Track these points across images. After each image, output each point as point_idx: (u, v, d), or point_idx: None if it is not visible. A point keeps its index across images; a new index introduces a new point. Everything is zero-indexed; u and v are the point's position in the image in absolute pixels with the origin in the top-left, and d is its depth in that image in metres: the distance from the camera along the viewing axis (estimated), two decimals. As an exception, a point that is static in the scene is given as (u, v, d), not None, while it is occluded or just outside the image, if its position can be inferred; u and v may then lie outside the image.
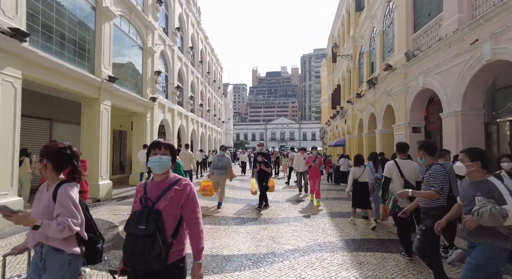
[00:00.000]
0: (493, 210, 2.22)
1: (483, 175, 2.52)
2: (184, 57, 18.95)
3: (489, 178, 2.46)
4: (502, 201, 2.30)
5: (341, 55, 18.92)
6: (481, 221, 2.29)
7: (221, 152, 8.28)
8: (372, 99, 13.16)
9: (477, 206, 2.35)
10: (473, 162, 2.53)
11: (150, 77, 13.55)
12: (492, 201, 2.32)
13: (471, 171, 2.56)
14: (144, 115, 13.11)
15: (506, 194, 2.32)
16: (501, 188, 2.35)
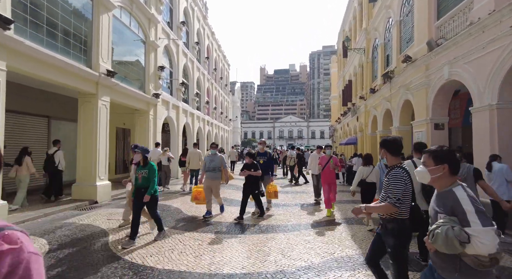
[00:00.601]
0: (450, 233, 1.68)
1: (452, 183, 1.90)
2: (189, 52, 18.36)
3: (454, 188, 1.85)
4: (465, 221, 1.72)
5: (353, 49, 18.04)
6: (436, 246, 1.77)
7: (212, 150, 7.07)
8: (388, 94, 12.32)
9: (434, 226, 1.81)
10: (439, 165, 1.92)
11: (153, 73, 12.99)
12: (454, 219, 1.76)
13: (437, 178, 1.93)
14: (146, 112, 12.57)
15: (470, 211, 1.71)
16: (465, 203, 1.74)
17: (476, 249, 1.62)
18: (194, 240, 4.96)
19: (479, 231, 1.63)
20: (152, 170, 4.88)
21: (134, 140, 12.81)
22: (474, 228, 1.65)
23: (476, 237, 1.62)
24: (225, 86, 32.41)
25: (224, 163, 6.95)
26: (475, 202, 1.74)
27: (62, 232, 5.35)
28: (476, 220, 1.66)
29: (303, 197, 9.45)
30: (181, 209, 7.44)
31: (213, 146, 7.21)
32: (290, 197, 9.55)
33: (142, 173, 4.82)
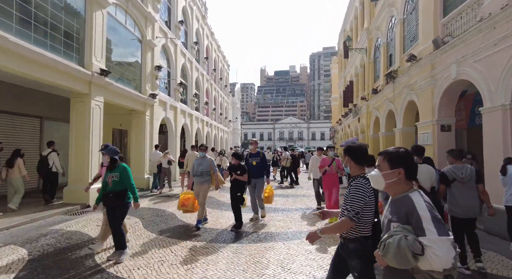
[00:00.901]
0: (403, 243, 1.48)
1: (408, 189, 1.71)
2: (188, 52, 18.05)
3: (411, 194, 1.67)
4: (419, 229, 1.53)
5: (355, 49, 17.72)
6: (387, 259, 1.54)
7: (201, 153, 6.33)
8: (391, 95, 11.98)
9: (385, 235, 1.60)
10: (395, 169, 1.72)
11: (149, 72, 12.67)
12: (408, 228, 1.56)
13: (392, 183, 1.73)
14: (143, 113, 12.24)
15: (426, 218, 1.53)
16: (421, 209, 1.57)
17: (430, 263, 1.44)
18: (186, 250, 4.61)
19: (435, 241, 1.45)
20: (125, 173, 4.27)
21: (131, 142, 12.47)
22: (429, 237, 1.46)
23: (430, 248, 1.44)
24: (225, 87, 32.10)
25: (213, 166, 6.26)
26: (432, 209, 1.57)
27: (46, 240, 5.00)
28: (432, 227, 1.48)
29: (304, 202, 9.09)
30: (176, 215, 7.09)
31: (201, 148, 6.47)
32: (291, 201, 9.20)
33: (112, 177, 4.24)
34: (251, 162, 6.63)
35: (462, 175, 3.92)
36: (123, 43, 10.95)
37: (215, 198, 9.43)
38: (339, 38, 28.89)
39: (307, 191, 11.27)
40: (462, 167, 4.00)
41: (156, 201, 9.10)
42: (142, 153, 12.16)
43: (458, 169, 4.00)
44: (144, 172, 12.12)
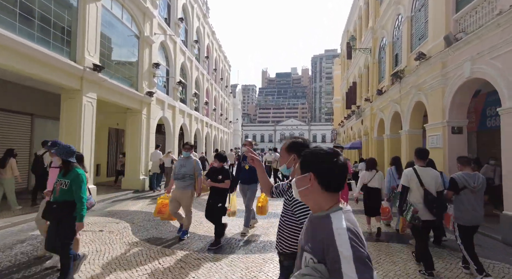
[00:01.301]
0: None
1: (331, 205, 1.20)
2: (188, 51, 17.64)
3: (333, 213, 1.16)
4: (336, 272, 1.02)
5: (359, 49, 17.27)
6: None
7: (185, 153, 5.45)
8: (397, 96, 11.51)
9: (293, 276, 1.12)
10: (305, 174, 1.24)
11: (147, 70, 12.24)
12: (321, 270, 1.06)
13: (305, 191, 1.25)
14: (139, 112, 11.80)
15: (347, 258, 1.01)
16: (342, 244, 1.04)
17: None
18: (176, 261, 4.14)
19: None
20: (77, 181, 3.28)
21: (126, 141, 12.02)
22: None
23: None
24: (226, 87, 31.70)
25: (198, 169, 5.41)
26: (358, 243, 1.05)
27: (22, 247, 4.54)
28: (353, 273, 0.98)
29: (305, 206, 8.61)
30: (169, 219, 6.63)
31: (186, 147, 5.54)
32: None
33: (61, 184, 3.30)
34: (244, 165, 5.77)
35: (474, 184, 3.79)
36: (119, 38, 10.53)
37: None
38: (342, 39, 28.47)
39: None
40: (474, 175, 3.86)
41: (150, 203, 8.64)
42: (137, 153, 11.71)
43: (470, 177, 3.84)
44: (139, 173, 11.66)
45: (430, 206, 3.72)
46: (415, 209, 3.74)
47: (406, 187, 3.94)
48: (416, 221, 3.71)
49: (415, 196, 3.87)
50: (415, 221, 3.72)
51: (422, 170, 3.94)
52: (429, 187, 3.82)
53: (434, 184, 3.87)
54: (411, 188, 3.93)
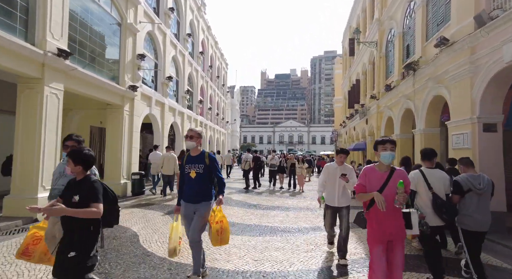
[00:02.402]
0: None
1: None
2: (179, 44, 16.39)
3: None
4: None
5: (364, 42, 16.05)
6: None
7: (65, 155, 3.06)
8: (409, 91, 10.28)
9: None
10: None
11: (130, 61, 10.97)
12: None
13: None
14: (120, 107, 10.51)
15: None
16: None
17: None
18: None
19: None
20: None
21: (106, 141, 10.72)
22: None
23: None
24: (222, 86, 30.43)
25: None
26: None
27: None
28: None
29: (309, 218, 7.32)
30: (139, 237, 5.34)
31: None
32: (292, 216, 7.43)
33: None
34: (188, 171, 3.50)
35: (480, 185, 3.59)
36: (96, 23, 9.25)
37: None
38: (344, 36, 27.30)
39: (312, 202, 9.51)
40: (479, 177, 3.67)
41: (125, 212, 7.33)
42: (118, 154, 10.41)
43: (474, 178, 3.65)
44: (120, 177, 10.35)
45: (440, 210, 3.47)
46: (421, 214, 3.45)
47: (413, 191, 3.61)
48: (424, 228, 3.38)
49: (422, 201, 3.62)
50: (422, 228, 3.36)
51: (430, 172, 3.68)
52: (437, 190, 3.56)
53: (442, 187, 3.61)
54: (418, 192, 3.65)
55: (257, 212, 7.68)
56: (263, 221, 6.69)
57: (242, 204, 8.93)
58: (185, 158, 3.60)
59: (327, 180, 4.49)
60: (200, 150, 3.60)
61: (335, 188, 4.36)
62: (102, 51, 9.64)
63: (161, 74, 14.12)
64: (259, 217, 7.10)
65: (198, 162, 3.49)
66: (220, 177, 3.55)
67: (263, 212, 7.76)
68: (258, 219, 6.94)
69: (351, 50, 22.78)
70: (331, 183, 4.42)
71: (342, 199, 4.36)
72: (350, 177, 4.19)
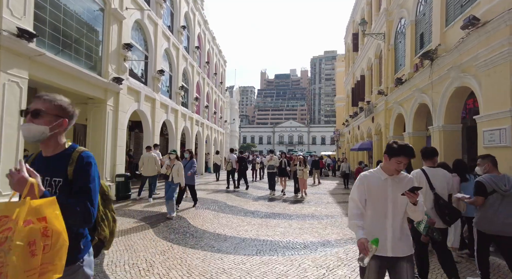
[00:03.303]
0: None
1: None
2: (173, 37, 15.32)
3: None
4: None
5: (371, 34, 14.98)
6: None
7: None
8: (425, 83, 9.22)
9: None
10: None
11: (115, 51, 9.89)
12: None
13: None
14: (103, 102, 9.43)
15: None
16: None
17: None
18: None
19: None
20: None
21: (87, 139, 9.63)
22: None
23: None
24: (220, 84, 29.35)
25: None
26: None
27: None
28: None
29: (315, 228, 6.22)
30: (104, 256, 4.25)
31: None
32: (296, 227, 6.33)
33: None
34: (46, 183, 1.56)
35: (505, 186, 3.33)
36: (73, 6, 8.17)
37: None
38: (347, 31, 26.26)
39: (316, 209, 8.42)
40: (503, 177, 3.43)
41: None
42: (101, 154, 9.33)
43: (499, 179, 3.39)
44: (103, 179, 9.25)
45: (442, 212, 3.26)
46: (431, 220, 3.13)
47: None
48: (435, 235, 3.13)
49: (424, 201, 3.13)
50: (432, 234, 3.13)
51: (432, 171, 3.48)
52: (439, 190, 3.36)
53: (445, 187, 3.40)
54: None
55: (255, 221, 6.59)
56: (261, 234, 5.60)
57: (238, 210, 7.84)
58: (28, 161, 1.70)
59: (369, 203, 2.29)
60: (62, 145, 1.71)
61: (385, 219, 2.24)
62: (81, 37, 8.56)
63: (152, 67, 13.05)
64: (256, 228, 6.01)
65: (53, 170, 1.60)
66: (90, 199, 1.53)
67: (261, 221, 6.67)
68: (256, 230, 5.85)
69: (355, 46, 21.78)
70: (377, 208, 2.27)
71: (400, 241, 2.21)
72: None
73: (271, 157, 11.91)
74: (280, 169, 11.60)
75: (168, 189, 7.07)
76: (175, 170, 7.18)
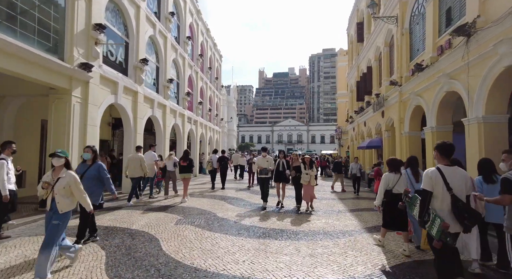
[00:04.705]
0: None
1: None
2: (160, 24, 13.68)
3: None
4: None
5: (382, 17, 13.34)
6: None
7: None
8: (456, 66, 7.63)
9: None
10: None
11: (83, 32, 8.24)
12: None
13: None
14: (67, 92, 7.80)
15: None
16: None
17: None
18: None
19: None
20: None
21: (48, 136, 7.96)
22: None
23: None
24: (216, 79, 27.68)
25: None
26: None
27: None
28: None
29: (334, 256, 4.60)
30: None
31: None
32: (305, 251, 4.70)
33: None
34: None
35: None
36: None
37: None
38: (350, 22, 24.62)
39: (327, 221, 6.81)
40: None
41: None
42: (65, 155, 7.66)
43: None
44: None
45: (461, 216, 2.89)
46: (445, 223, 2.82)
47: (429, 192, 3.02)
48: (448, 240, 2.83)
49: (440, 203, 3.02)
50: (446, 239, 2.83)
51: (449, 170, 3.04)
52: (457, 191, 2.97)
53: (464, 188, 3.01)
54: (434, 194, 3.01)
55: (250, 244, 4.96)
56: (258, 268, 3.96)
57: (229, 226, 6.21)
58: None
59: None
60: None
61: None
62: (32, 10, 6.90)
63: (134, 55, 11.40)
64: (251, 256, 4.37)
65: None
66: None
67: (258, 243, 5.04)
68: (250, 261, 4.21)
69: (360, 36, 20.20)
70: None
71: None
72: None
73: (264, 156, 8.97)
74: (277, 172, 8.70)
75: (48, 225, 3.64)
76: (60, 188, 3.64)
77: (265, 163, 8.74)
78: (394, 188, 4.82)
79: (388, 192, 4.84)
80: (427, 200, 3.06)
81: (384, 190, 4.87)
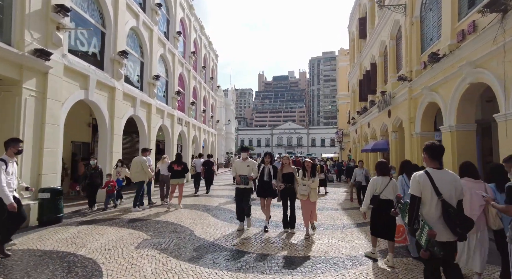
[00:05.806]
0: None
1: None
2: (144, 15, 12.46)
3: None
4: None
5: (389, 6, 12.09)
6: None
7: None
8: (483, 53, 6.35)
9: None
10: None
11: (38, 13, 6.97)
12: None
13: None
14: (16, 83, 6.50)
15: None
16: None
17: None
18: None
19: None
20: None
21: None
22: None
23: None
24: (211, 79, 26.43)
25: None
26: None
27: None
28: None
29: None
30: None
31: None
32: None
33: None
34: None
35: None
36: None
37: None
38: (351, 19, 23.47)
39: (330, 241, 5.45)
40: None
41: None
42: (13, 159, 6.33)
43: None
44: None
45: (452, 222, 2.62)
46: (431, 231, 2.56)
47: (418, 197, 2.76)
48: (435, 249, 2.57)
49: (429, 210, 2.74)
50: (433, 249, 2.58)
51: (438, 174, 2.76)
52: (447, 196, 2.69)
53: (454, 192, 2.71)
54: (423, 199, 2.75)
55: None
56: None
57: (205, 250, 4.85)
58: None
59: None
60: None
61: None
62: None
63: (111, 46, 10.13)
64: None
65: None
66: None
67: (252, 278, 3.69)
68: None
69: (362, 31, 19.01)
70: None
71: None
72: None
73: (244, 159, 6.43)
74: (261, 183, 6.35)
75: None
76: None
77: (245, 169, 6.26)
78: (382, 193, 4.40)
79: (375, 198, 4.46)
80: (416, 206, 2.79)
81: (371, 196, 4.51)
